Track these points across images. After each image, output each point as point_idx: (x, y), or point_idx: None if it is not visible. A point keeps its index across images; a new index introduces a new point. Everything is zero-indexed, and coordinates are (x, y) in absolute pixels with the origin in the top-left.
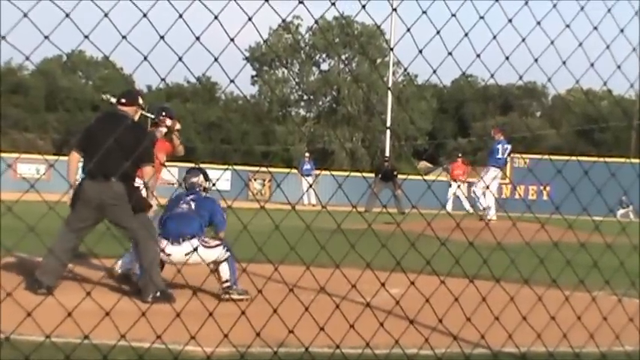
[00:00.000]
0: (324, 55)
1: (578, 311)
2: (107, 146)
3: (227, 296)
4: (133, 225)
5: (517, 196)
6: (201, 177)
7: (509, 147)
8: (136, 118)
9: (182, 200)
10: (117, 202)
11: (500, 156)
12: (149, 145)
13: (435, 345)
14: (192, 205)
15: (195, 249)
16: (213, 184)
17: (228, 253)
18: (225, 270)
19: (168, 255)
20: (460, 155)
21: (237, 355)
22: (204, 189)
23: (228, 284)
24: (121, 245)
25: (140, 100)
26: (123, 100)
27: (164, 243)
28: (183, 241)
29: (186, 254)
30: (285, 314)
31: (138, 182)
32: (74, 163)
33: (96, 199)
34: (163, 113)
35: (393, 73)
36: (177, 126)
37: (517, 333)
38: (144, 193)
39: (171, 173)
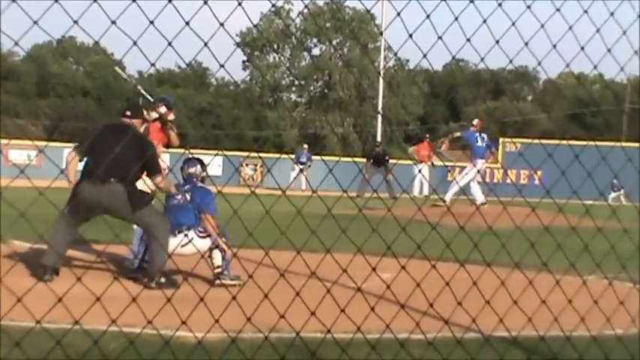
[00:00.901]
0: (315, 40)
1: (569, 295)
2: (109, 152)
3: (219, 282)
4: (139, 218)
5: (508, 181)
6: (199, 167)
7: (484, 136)
8: (141, 130)
9: (179, 190)
10: (117, 203)
11: (480, 144)
12: (154, 156)
13: (427, 329)
14: (187, 195)
15: (191, 240)
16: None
17: (220, 241)
18: (217, 256)
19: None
20: (427, 136)
21: (228, 340)
22: (202, 179)
23: (219, 270)
24: (111, 231)
25: (145, 113)
26: (128, 113)
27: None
28: (179, 232)
29: (182, 245)
30: (277, 299)
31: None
32: (72, 163)
33: (93, 200)
34: (161, 100)
35: (385, 58)
36: (171, 116)
37: (508, 317)
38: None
39: (162, 160)
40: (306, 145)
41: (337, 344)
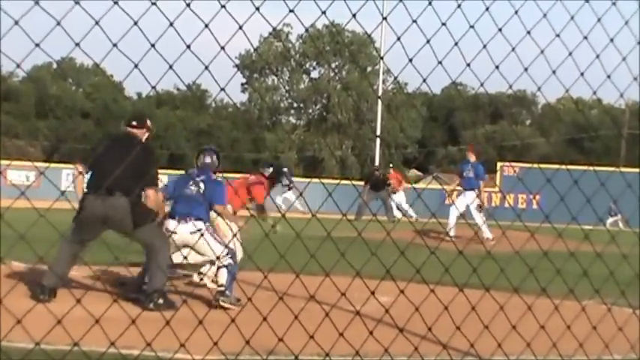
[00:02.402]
0: (314, 63)
1: (568, 320)
2: (114, 164)
3: (218, 302)
4: (141, 235)
5: (507, 205)
6: (215, 157)
7: (482, 168)
8: (144, 139)
9: (192, 181)
10: (120, 216)
11: (470, 175)
12: (155, 168)
13: (425, 353)
14: (201, 187)
15: (200, 230)
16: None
17: (230, 261)
18: (223, 275)
19: (174, 233)
20: (391, 166)
21: None
22: (216, 170)
23: (222, 289)
24: (111, 252)
25: (149, 123)
26: (134, 123)
27: (171, 223)
28: (190, 220)
29: (191, 232)
30: (275, 322)
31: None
32: (78, 179)
33: (99, 213)
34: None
35: (383, 82)
36: None
37: (507, 341)
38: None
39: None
40: (285, 169)
41: None
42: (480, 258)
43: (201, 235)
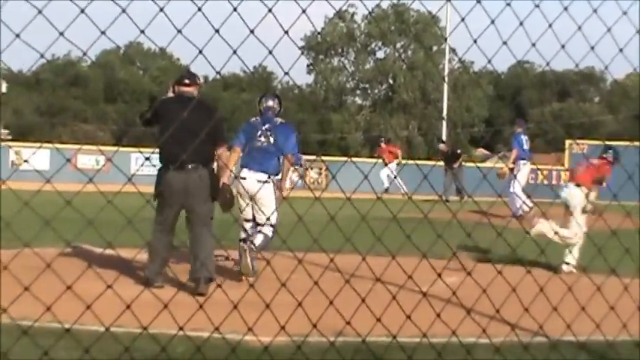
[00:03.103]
0: (379, 43)
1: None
2: (185, 133)
3: (247, 260)
4: (204, 212)
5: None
6: (277, 101)
7: (522, 138)
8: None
9: (259, 131)
10: (200, 188)
11: (526, 147)
12: (222, 123)
13: (493, 334)
14: (270, 137)
15: (266, 181)
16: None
17: (271, 231)
18: (259, 238)
19: (243, 179)
20: (382, 140)
21: (293, 344)
22: (278, 113)
23: (253, 247)
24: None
25: (200, 79)
26: (187, 81)
27: (244, 170)
28: (260, 171)
29: (258, 180)
30: (342, 304)
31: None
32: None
33: (183, 186)
34: None
35: (449, 61)
36: None
37: (576, 322)
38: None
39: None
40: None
41: (402, 350)
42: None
43: (266, 182)
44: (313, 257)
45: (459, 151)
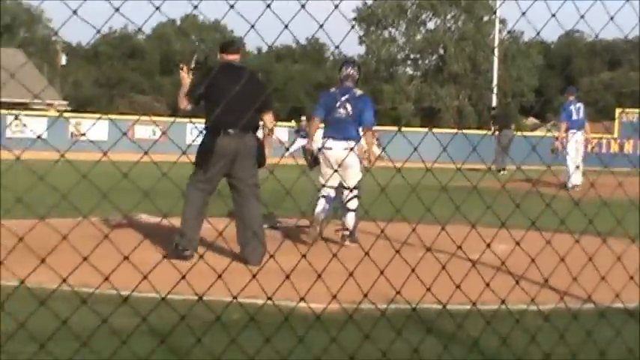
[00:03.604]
0: (430, 14)
1: None
2: (235, 99)
3: (344, 243)
4: (252, 180)
5: (627, 150)
6: (356, 69)
7: (581, 105)
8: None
9: (338, 102)
10: (248, 154)
11: (575, 117)
12: (267, 91)
13: (542, 302)
14: (349, 107)
15: (352, 148)
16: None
17: (357, 204)
18: (351, 218)
19: (330, 148)
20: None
21: (344, 312)
22: (356, 81)
23: (348, 232)
24: (226, 205)
25: (241, 46)
26: (231, 49)
27: (329, 141)
28: (346, 140)
29: (344, 148)
30: (393, 272)
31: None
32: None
33: (232, 151)
34: None
35: (499, 31)
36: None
37: (625, 290)
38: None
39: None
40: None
41: (452, 317)
42: (597, 206)
43: (353, 149)
44: (365, 226)
45: (508, 113)
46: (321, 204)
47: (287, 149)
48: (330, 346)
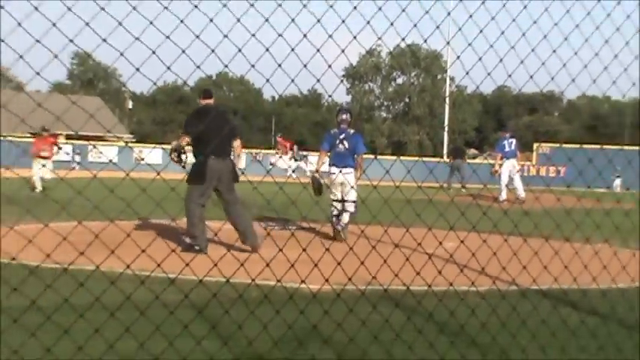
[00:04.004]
0: (399, 73)
1: (585, 261)
2: (216, 133)
3: (342, 234)
4: (234, 193)
5: (541, 174)
6: (349, 115)
7: (513, 141)
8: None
9: (337, 140)
10: (229, 175)
11: (508, 149)
12: (236, 125)
13: (480, 284)
14: (346, 144)
15: (350, 173)
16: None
17: (353, 209)
18: (346, 218)
19: (334, 173)
20: (280, 134)
21: (334, 292)
22: (349, 123)
23: (342, 226)
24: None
25: (212, 93)
26: (207, 96)
27: (333, 169)
28: (345, 168)
29: (345, 174)
30: (370, 263)
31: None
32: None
33: (218, 172)
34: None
35: (450, 85)
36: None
37: (540, 277)
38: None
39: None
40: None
41: (414, 296)
42: (520, 215)
43: (349, 174)
44: (351, 228)
45: (462, 148)
46: (333, 216)
47: (293, 171)
48: (324, 317)
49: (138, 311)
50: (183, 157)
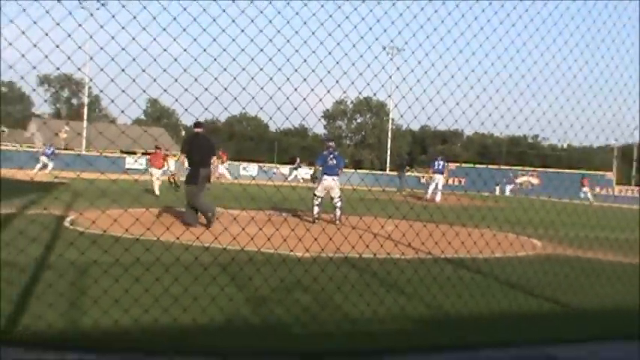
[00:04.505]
0: (358, 115)
1: (475, 239)
2: (205, 151)
3: (337, 222)
4: (207, 188)
5: (449, 183)
6: (334, 142)
7: (442, 162)
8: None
9: (329, 157)
10: (208, 177)
11: (436, 167)
12: (214, 146)
13: (407, 254)
14: (335, 160)
15: (335, 180)
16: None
17: (341, 204)
18: (338, 212)
19: (325, 180)
20: (222, 149)
21: (311, 258)
22: (334, 148)
23: (335, 218)
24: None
25: (204, 124)
26: (198, 126)
27: (325, 177)
28: (334, 176)
29: (333, 180)
30: (336, 239)
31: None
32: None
33: (206, 176)
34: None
35: (392, 124)
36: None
37: (446, 249)
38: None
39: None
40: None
41: (364, 260)
42: (434, 209)
43: (335, 180)
44: (326, 217)
45: (405, 164)
46: (316, 205)
47: (286, 178)
48: (304, 274)
49: (183, 267)
50: (175, 181)
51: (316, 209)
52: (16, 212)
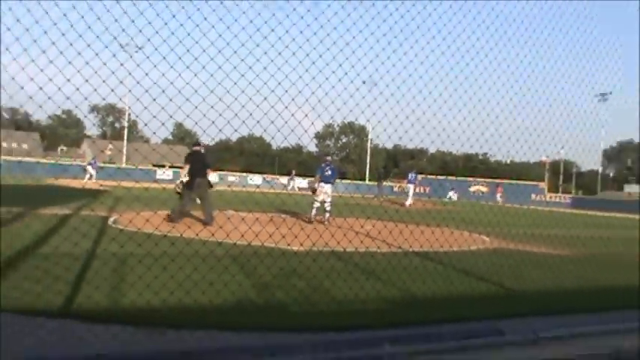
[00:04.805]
0: (343, 136)
1: (437, 236)
2: (202, 164)
3: (326, 223)
4: (206, 193)
5: (417, 191)
6: (330, 157)
7: (415, 175)
8: (202, 150)
9: (325, 169)
10: (206, 184)
11: (412, 178)
12: (209, 162)
13: (382, 248)
14: (330, 172)
15: (328, 186)
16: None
17: (330, 207)
18: (327, 214)
19: (322, 186)
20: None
21: (306, 251)
22: (330, 162)
23: (326, 219)
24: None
25: (202, 143)
26: (196, 145)
27: (322, 184)
28: (328, 184)
29: (329, 186)
30: (326, 236)
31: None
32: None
33: (199, 184)
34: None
35: (370, 143)
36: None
37: (414, 244)
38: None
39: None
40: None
41: (347, 253)
42: (405, 212)
43: (328, 187)
44: (317, 218)
45: (383, 176)
46: (314, 208)
47: (285, 187)
48: (299, 264)
49: (201, 259)
50: (180, 190)
51: (314, 212)
52: (72, 213)
